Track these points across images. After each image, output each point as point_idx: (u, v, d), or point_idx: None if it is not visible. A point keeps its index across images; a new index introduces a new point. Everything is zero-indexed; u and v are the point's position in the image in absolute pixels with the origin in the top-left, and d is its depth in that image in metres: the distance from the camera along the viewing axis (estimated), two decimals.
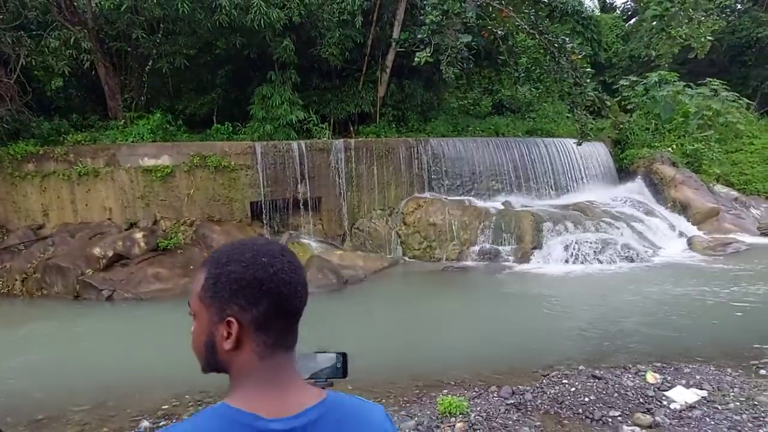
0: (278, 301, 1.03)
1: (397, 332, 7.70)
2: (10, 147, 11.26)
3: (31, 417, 4.99)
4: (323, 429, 1.03)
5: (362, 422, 1.10)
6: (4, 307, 9.65)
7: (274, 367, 1.04)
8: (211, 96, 15.59)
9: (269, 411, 1.00)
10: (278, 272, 1.04)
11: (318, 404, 1.05)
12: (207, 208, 11.92)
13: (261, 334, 1.03)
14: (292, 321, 1.07)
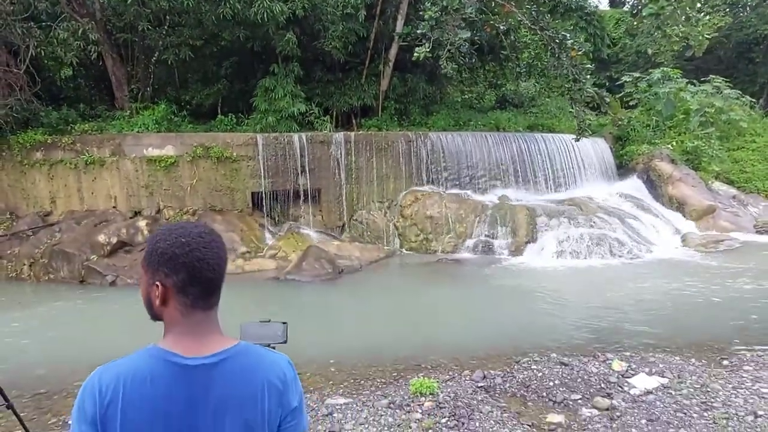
0: (192, 272, 1.31)
1: (385, 319, 7.97)
2: (19, 135, 11.62)
3: (34, 390, 5.33)
4: (227, 366, 1.31)
5: (262, 364, 1.36)
6: (12, 290, 10.03)
7: (193, 322, 1.33)
8: (216, 87, 15.78)
9: (187, 351, 1.29)
10: (193, 250, 1.32)
11: (227, 349, 1.33)
12: (209, 197, 12.22)
13: (181, 296, 1.32)
14: (206, 288, 1.34)
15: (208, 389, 1.28)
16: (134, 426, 1.24)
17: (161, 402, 1.25)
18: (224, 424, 1.29)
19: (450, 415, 4.35)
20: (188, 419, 1.27)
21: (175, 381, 1.27)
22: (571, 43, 13.42)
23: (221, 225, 11.73)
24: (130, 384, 1.24)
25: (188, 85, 16.38)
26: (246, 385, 1.32)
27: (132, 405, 1.23)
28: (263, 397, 1.33)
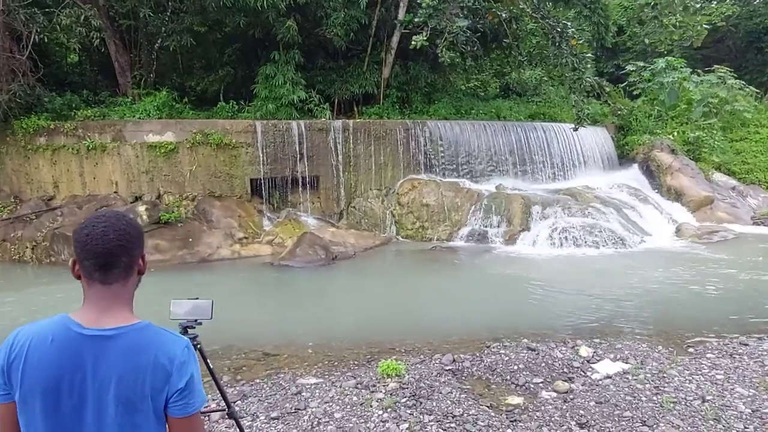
0: (83, 246, 1.49)
1: (369, 305, 8.14)
2: (23, 121, 11.87)
3: None
4: (120, 341, 1.45)
5: (155, 343, 1.48)
6: (15, 272, 10.36)
7: (95, 295, 1.50)
8: (219, 74, 15.91)
9: (88, 322, 1.46)
10: (85, 228, 1.51)
11: (126, 326, 1.48)
12: (208, 183, 12.43)
13: (82, 270, 1.51)
14: (96, 262, 1.49)
15: (97, 359, 1.43)
16: (29, 380, 1.42)
17: (55, 363, 1.41)
18: (108, 394, 1.43)
19: (410, 395, 4.52)
20: (76, 384, 1.42)
21: (70, 347, 1.42)
22: (572, 32, 13.36)
23: (220, 211, 11.96)
24: (35, 343, 1.43)
25: (192, 72, 16.52)
26: (133, 360, 1.44)
27: (31, 362, 1.42)
28: (147, 374, 1.44)
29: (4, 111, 11.55)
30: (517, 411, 4.32)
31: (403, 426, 4.07)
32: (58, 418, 1.43)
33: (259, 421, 4.23)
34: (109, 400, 1.43)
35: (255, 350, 5.90)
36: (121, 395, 1.43)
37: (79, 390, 1.43)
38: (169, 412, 1.49)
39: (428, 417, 4.18)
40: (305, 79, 14.57)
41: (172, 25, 14.27)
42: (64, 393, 1.42)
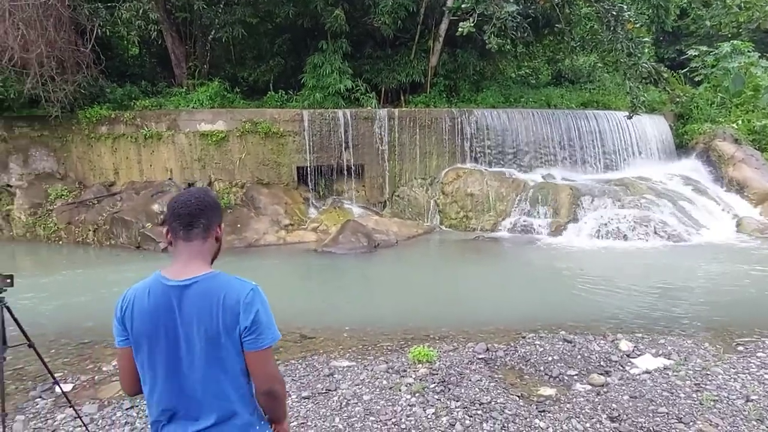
0: (172, 210, 1.85)
1: (408, 292, 8.18)
2: (87, 111, 12.57)
3: (80, 340, 6.00)
4: (194, 288, 1.76)
5: (223, 288, 1.77)
6: (78, 253, 11.07)
7: (178, 251, 1.84)
8: (270, 64, 16.25)
9: (173, 275, 1.79)
10: (179, 205, 1.85)
11: (199, 275, 1.78)
12: (257, 171, 12.78)
13: (173, 234, 1.85)
14: (181, 221, 1.83)
15: (181, 305, 1.76)
16: (137, 327, 1.78)
17: (152, 311, 1.77)
18: (193, 333, 1.75)
19: (440, 381, 4.54)
20: (170, 323, 1.76)
21: (161, 297, 1.77)
22: (629, 15, 12.79)
23: (267, 198, 12.29)
24: (138, 297, 1.80)
25: (244, 62, 16.95)
26: (206, 302, 1.75)
27: (136, 312, 1.78)
28: (219, 313, 1.74)
29: (70, 102, 12.25)
30: (548, 402, 4.26)
31: (429, 411, 4.11)
32: (161, 355, 1.77)
33: (291, 399, 4.37)
34: (195, 338, 1.75)
35: (293, 332, 6.07)
36: (202, 333, 1.74)
37: (173, 331, 1.76)
38: (244, 346, 1.78)
39: (455, 403, 4.20)
40: (352, 68, 14.67)
41: (225, 16, 14.68)
42: (161, 334, 1.76)
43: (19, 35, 11.11)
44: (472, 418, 3.98)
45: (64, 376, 4.95)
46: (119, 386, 4.78)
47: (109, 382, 4.88)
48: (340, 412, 4.13)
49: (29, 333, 3.51)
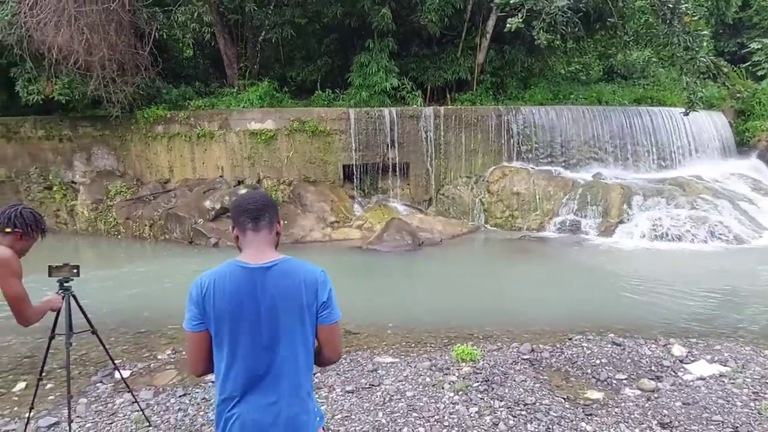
0: (241, 206, 2.06)
1: (453, 291, 8.16)
2: (144, 111, 13.14)
3: (137, 329, 6.31)
4: (276, 269, 1.96)
5: (300, 269, 1.99)
6: (135, 247, 11.62)
7: (249, 242, 2.03)
8: (318, 64, 16.50)
9: (251, 260, 1.97)
10: (247, 202, 2.07)
11: (276, 260, 1.98)
12: (303, 169, 13.03)
13: (240, 228, 2.05)
14: (249, 215, 2.04)
15: (263, 285, 1.94)
16: (219, 307, 1.92)
17: (234, 292, 1.93)
18: (275, 310, 1.94)
19: (483, 380, 4.53)
20: (252, 302, 1.93)
21: (242, 279, 1.94)
22: (686, 7, 12.28)
23: (314, 195, 12.50)
24: (218, 280, 1.94)
25: (293, 63, 17.27)
26: (289, 282, 1.95)
27: (218, 294, 1.92)
28: (301, 291, 1.95)
29: (129, 102, 12.85)
30: (595, 406, 4.18)
31: (472, 409, 4.10)
32: (243, 333, 1.93)
33: (335, 393, 4.46)
34: (279, 314, 1.94)
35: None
36: (286, 310, 1.94)
37: (255, 310, 1.93)
38: (319, 320, 2.00)
39: (499, 403, 4.18)
40: (398, 67, 14.72)
41: (275, 18, 15.03)
42: (244, 313, 1.93)
43: (83, 39, 11.72)
44: (516, 418, 3.96)
45: (122, 363, 5.22)
46: (173, 374, 5.01)
47: (163, 370, 5.11)
48: (383, 407, 4.19)
49: (91, 321, 3.73)
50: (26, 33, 11.56)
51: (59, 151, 13.79)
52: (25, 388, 4.71)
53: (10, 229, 2.89)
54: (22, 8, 11.55)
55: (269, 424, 1.95)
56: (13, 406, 4.41)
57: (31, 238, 3.03)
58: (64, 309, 3.45)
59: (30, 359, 5.42)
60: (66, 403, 3.55)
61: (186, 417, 4.11)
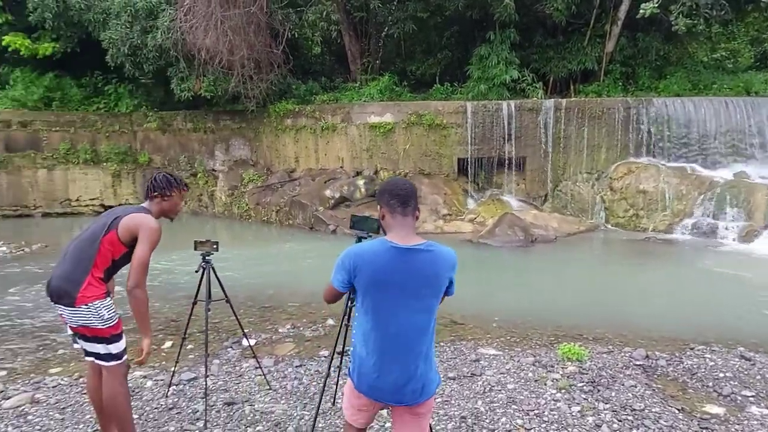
0: (392, 192, 2.31)
1: (564, 289, 7.92)
2: (276, 105, 14.25)
3: (262, 304, 6.99)
4: (420, 250, 2.24)
5: (441, 251, 2.29)
6: (263, 230, 12.73)
7: (398, 225, 2.30)
8: (437, 57, 16.64)
9: (399, 241, 2.25)
10: (398, 188, 2.33)
11: (421, 243, 2.27)
12: (419, 162, 13.30)
13: (390, 211, 2.30)
14: (399, 200, 2.29)
15: (409, 263, 2.23)
16: (368, 278, 2.25)
17: (384, 264, 2.23)
18: (417, 284, 2.24)
19: (589, 381, 4.42)
20: (397, 279, 2.23)
21: (391, 256, 2.23)
22: None
23: (428, 188, 12.73)
24: (368, 255, 2.26)
25: (414, 57, 17.61)
26: (431, 261, 2.26)
27: (368, 264, 2.24)
28: (440, 270, 2.27)
29: (263, 97, 14.01)
30: (713, 421, 3.92)
31: (574, 408, 4.06)
32: (386, 301, 2.24)
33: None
34: (417, 289, 2.24)
35: (444, 317, 6.34)
36: (423, 285, 2.25)
37: (400, 283, 2.23)
38: (446, 292, 2.35)
39: (604, 405, 4.08)
40: (519, 58, 14.40)
41: (398, 13, 15.42)
42: (390, 285, 2.23)
43: (227, 41, 13.00)
44: (621, 422, 3.85)
45: (249, 333, 5.84)
46: (291, 346, 5.52)
47: (283, 342, 5.64)
48: (483, 396, 4.28)
49: (226, 292, 4.25)
50: (181, 37, 13.07)
51: (204, 141, 15.45)
52: (171, 347, 5.48)
53: (152, 195, 3.24)
54: (178, 15, 13.08)
55: (402, 383, 2.27)
56: (162, 360, 5.17)
57: (170, 197, 3.27)
58: (204, 279, 3.99)
59: (175, 322, 6.27)
60: (203, 362, 4.10)
61: (300, 385, 4.53)
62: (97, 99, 16.88)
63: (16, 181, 15.27)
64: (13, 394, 4.33)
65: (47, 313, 6.82)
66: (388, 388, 2.29)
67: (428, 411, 2.43)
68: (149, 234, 3.02)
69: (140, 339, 3.05)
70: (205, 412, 3.83)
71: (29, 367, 5.08)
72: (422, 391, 2.30)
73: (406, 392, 2.28)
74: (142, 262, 2.97)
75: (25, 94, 15.85)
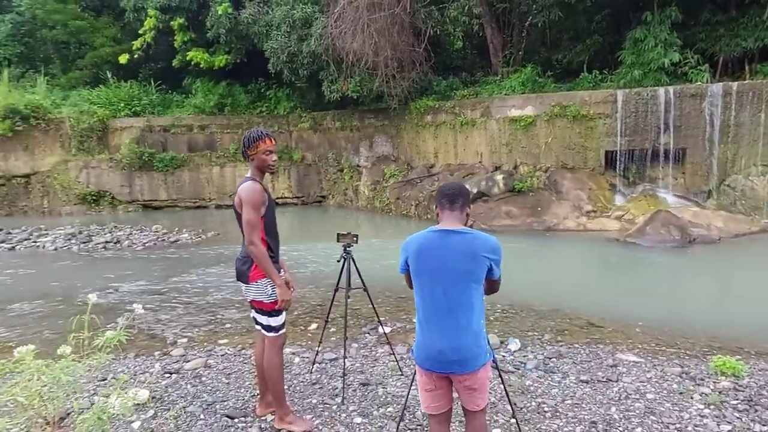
0: (446, 195, 2.69)
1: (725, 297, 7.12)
2: (416, 102, 14.65)
3: (398, 295, 7.33)
4: (460, 234, 2.55)
5: (479, 237, 2.58)
6: (402, 224, 13.22)
7: (445, 217, 2.66)
8: (586, 44, 15.72)
9: (441, 228, 2.60)
10: (448, 189, 2.75)
11: (462, 228, 2.59)
12: (562, 155, 12.75)
13: (440, 207, 2.70)
14: (450, 202, 2.66)
15: (448, 242, 2.55)
16: (420, 262, 2.60)
17: (427, 248, 2.59)
18: (459, 265, 2.52)
19: (745, 399, 4.00)
20: (439, 257, 2.55)
21: (433, 236, 2.60)
22: None
23: (570, 183, 12.19)
24: (415, 238, 2.67)
25: (559, 45, 16.83)
26: (470, 245, 2.53)
27: (414, 245, 2.64)
28: (479, 252, 2.53)
29: (405, 95, 14.50)
30: None
31: (724, 427, 3.72)
32: (431, 278, 2.55)
33: (569, 379, 4.54)
34: (456, 265, 2.51)
35: (580, 318, 6.12)
36: (462, 261, 2.51)
37: (441, 262, 2.53)
38: (488, 275, 2.57)
39: (761, 427, 3.68)
40: (681, 39, 13.03)
41: (542, 1, 14.86)
42: (431, 261, 2.56)
43: (372, 43, 13.68)
44: None
45: (384, 321, 6.22)
46: None
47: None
48: (617, 403, 4.11)
49: (365, 281, 4.61)
50: (331, 42, 14.05)
51: (350, 139, 16.44)
52: (316, 329, 6.05)
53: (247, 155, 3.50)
54: (329, 22, 14.07)
55: (445, 352, 2.53)
56: (308, 340, 5.74)
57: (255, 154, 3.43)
58: (345, 268, 4.38)
59: (321, 307, 6.88)
60: (343, 344, 4.51)
61: None
62: (260, 103, 18.88)
63: (196, 177, 17.69)
64: (191, 358, 5.16)
65: (219, 292, 7.93)
66: (434, 356, 2.57)
67: (479, 387, 2.62)
68: (245, 198, 3.37)
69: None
70: (342, 389, 4.22)
71: (203, 336, 5.99)
72: (466, 363, 2.54)
73: (450, 362, 2.54)
74: (247, 222, 3.35)
75: (203, 101, 18.30)
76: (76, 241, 12.44)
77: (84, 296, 3.31)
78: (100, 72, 20.56)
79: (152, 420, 3.82)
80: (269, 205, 3.52)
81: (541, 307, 6.66)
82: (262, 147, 3.45)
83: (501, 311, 6.58)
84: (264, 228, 3.46)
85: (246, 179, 3.50)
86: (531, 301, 6.91)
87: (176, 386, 4.45)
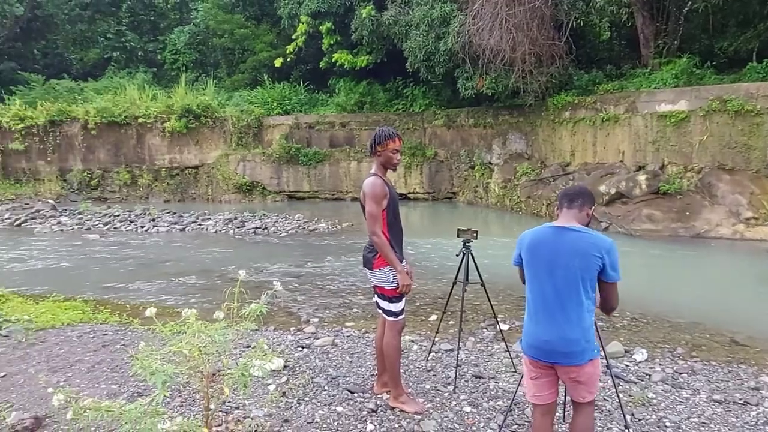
0: (566, 195, 2.82)
1: None
2: (554, 98, 14.14)
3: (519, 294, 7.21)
4: (575, 232, 2.62)
5: (594, 236, 2.61)
6: (532, 223, 12.63)
7: (562, 215, 2.77)
8: (758, 29, 13.90)
9: (558, 224, 2.71)
10: (569, 190, 2.88)
11: (578, 226, 2.66)
12: (719, 155, 11.47)
13: (560, 206, 2.82)
14: (569, 201, 2.76)
15: (561, 237, 2.65)
16: (532, 255, 2.73)
17: (541, 242, 2.72)
18: (572, 255, 2.59)
19: None
20: (552, 251, 2.66)
21: (547, 232, 2.72)
22: None
23: (728, 185, 10.97)
24: (530, 232, 2.81)
25: (725, 32, 15.09)
26: (584, 242, 2.59)
27: (528, 239, 2.78)
28: (591, 250, 2.56)
29: (542, 91, 14.07)
30: None
31: None
32: (542, 271, 2.67)
33: (699, 397, 4.25)
34: (567, 260, 2.59)
35: (722, 335, 5.61)
36: (573, 258, 2.58)
37: (553, 256, 2.64)
38: (602, 277, 2.60)
39: None
40: None
41: None
42: (542, 254, 2.69)
43: (510, 38, 13.47)
44: None
45: (504, 318, 6.26)
46: None
47: None
48: (753, 429, 3.79)
49: (484, 279, 4.73)
50: (468, 39, 14.11)
51: (482, 136, 16.38)
52: (435, 320, 6.28)
53: (375, 151, 3.77)
54: (467, 19, 14.14)
55: (552, 342, 2.62)
56: (427, 330, 6.00)
57: (381, 152, 3.73)
58: (464, 263, 4.55)
59: (441, 299, 7.09)
60: (457, 336, 4.69)
61: None
62: (397, 101, 19.60)
63: (335, 171, 18.95)
64: (321, 336, 5.71)
65: (349, 278, 8.54)
66: (540, 345, 2.66)
67: (586, 381, 2.65)
68: (367, 192, 3.67)
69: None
70: (455, 379, 4.41)
71: (333, 318, 6.56)
72: (574, 356, 2.60)
73: (555, 353, 2.62)
74: (369, 214, 3.66)
75: (345, 100, 19.51)
76: (231, 226, 14.09)
77: (235, 273, 3.90)
78: (258, 75, 22.88)
79: (284, 384, 4.36)
80: (391, 199, 3.77)
81: (677, 319, 6.21)
82: (391, 146, 3.74)
83: (630, 319, 6.27)
84: (386, 221, 3.75)
85: (369, 174, 3.82)
86: (666, 311, 6.47)
87: (306, 359, 4.98)
